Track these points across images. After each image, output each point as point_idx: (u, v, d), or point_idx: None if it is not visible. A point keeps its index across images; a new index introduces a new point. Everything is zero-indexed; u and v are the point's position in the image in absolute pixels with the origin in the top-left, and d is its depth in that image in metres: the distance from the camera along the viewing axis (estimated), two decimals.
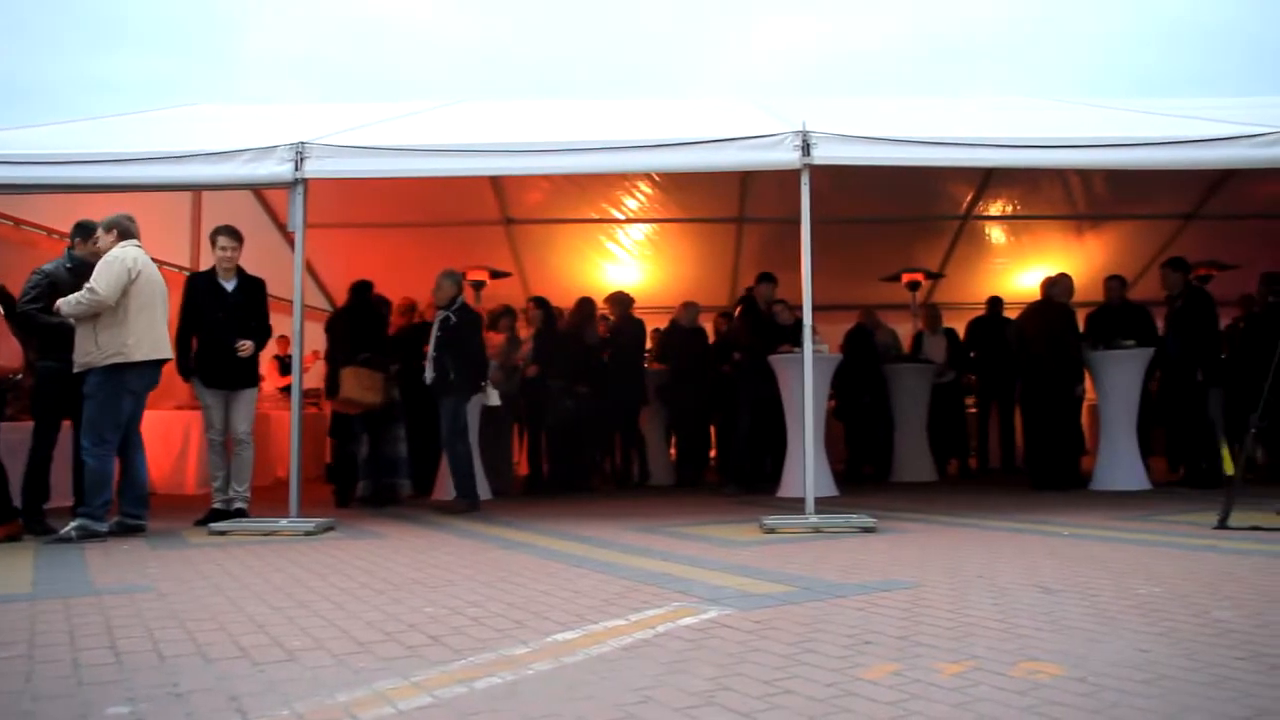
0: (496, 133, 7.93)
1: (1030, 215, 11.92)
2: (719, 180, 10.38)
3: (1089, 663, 2.95)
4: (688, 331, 10.43)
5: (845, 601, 3.95)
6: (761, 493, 9.00)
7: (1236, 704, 2.54)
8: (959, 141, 6.90)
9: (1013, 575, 4.52)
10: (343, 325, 8.71)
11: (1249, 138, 6.93)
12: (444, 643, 3.34)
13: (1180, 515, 6.87)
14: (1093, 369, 9.25)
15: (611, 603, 3.99)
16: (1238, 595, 3.97)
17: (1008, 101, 10.84)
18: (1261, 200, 10.15)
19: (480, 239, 11.49)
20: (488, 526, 6.92)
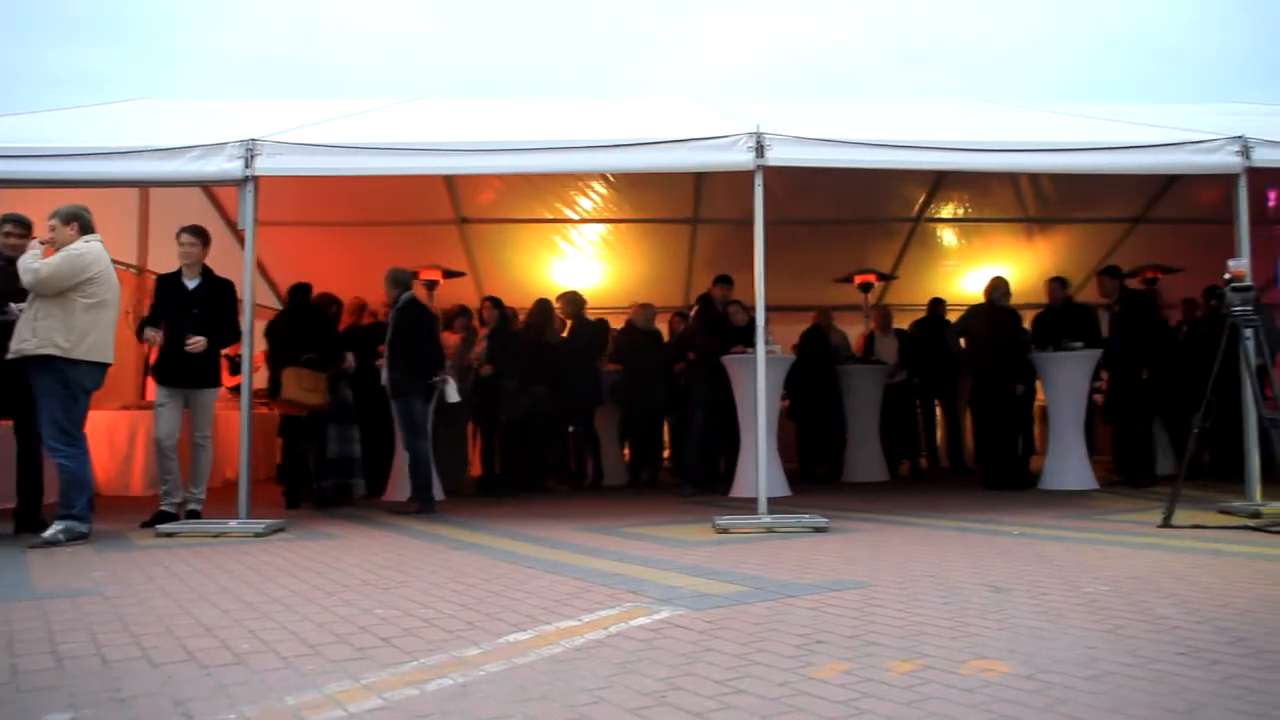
0: (450, 131, 7.89)
1: (981, 218, 12.05)
2: (673, 181, 10.39)
3: (1037, 660, 2.99)
4: (643, 333, 10.43)
5: (797, 601, 3.97)
6: (715, 493, 9.02)
7: (1177, 698, 2.60)
8: (911, 144, 6.97)
9: (963, 574, 4.57)
10: (282, 328, 8.61)
11: (1193, 144, 7.08)
12: (395, 644, 3.32)
13: (1126, 514, 6.98)
14: (1041, 370, 9.38)
15: (564, 603, 3.98)
16: (1180, 593, 4.04)
17: (960, 105, 10.96)
18: (1204, 205, 10.32)
19: (434, 238, 11.41)
20: (440, 527, 6.88)
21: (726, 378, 8.95)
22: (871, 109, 10.37)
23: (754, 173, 6.58)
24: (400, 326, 8.13)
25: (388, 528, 6.90)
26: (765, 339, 6.79)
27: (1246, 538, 5.74)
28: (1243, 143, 6.93)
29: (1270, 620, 3.49)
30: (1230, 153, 6.95)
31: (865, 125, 8.06)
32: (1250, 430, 6.82)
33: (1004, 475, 9.16)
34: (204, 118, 8.94)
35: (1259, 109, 10.94)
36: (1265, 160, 6.97)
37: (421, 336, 8.21)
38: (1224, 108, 11.24)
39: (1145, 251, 11.23)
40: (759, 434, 6.70)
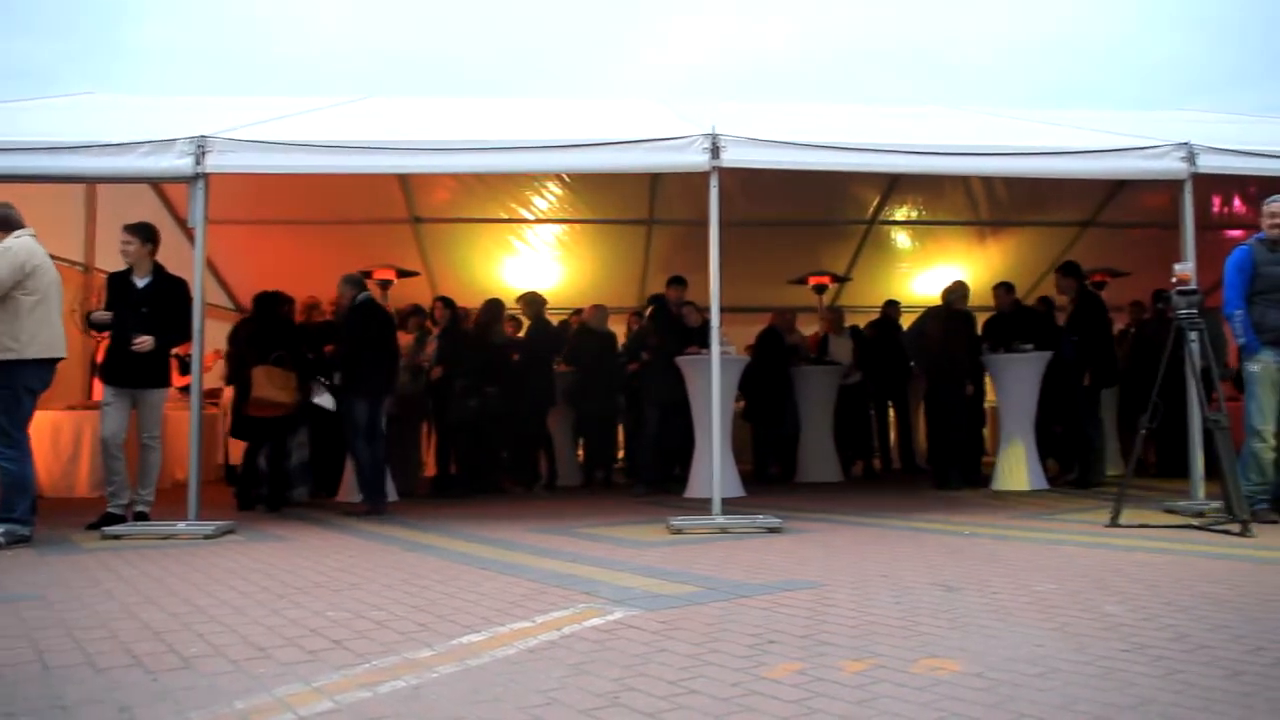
0: (404, 130, 7.83)
1: (935, 221, 12.17)
2: (628, 182, 10.40)
3: (987, 658, 3.02)
4: (598, 334, 10.42)
5: (750, 601, 3.98)
6: (669, 493, 9.03)
7: (1122, 694, 2.64)
8: (866, 147, 7.01)
9: (914, 574, 4.61)
10: (247, 332, 8.51)
11: (1140, 150, 7.19)
12: (347, 646, 3.29)
13: (1074, 514, 7.08)
14: (992, 372, 9.49)
15: (518, 604, 3.97)
16: (1126, 590, 4.10)
17: (915, 109, 11.05)
18: (1152, 210, 10.50)
19: (388, 238, 11.33)
20: (393, 528, 6.83)
21: (681, 378, 8.96)
22: (827, 111, 10.42)
23: (709, 174, 6.59)
24: (345, 328, 8.10)
25: (340, 529, 6.84)
26: (720, 340, 6.81)
27: (1190, 536, 5.85)
28: (1188, 149, 7.05)
29: (1212, 616, 3.55)
30: (1176, 159, 7.06)
31: (820, 127, 8.10)
32: (1194, 431, 6.94)
33: (955, 475, 9.26)
34: (154, 113, 8.82)
35: (1205, 116, 11.13)
36: (1210, 166, 7.09)
37: (362, 339, 8.11)
38: (1171, 114, 11.43)
39: (1094, 255, 11.40)
40: (713, 435, 6.72)
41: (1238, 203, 11.17)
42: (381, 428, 8.21)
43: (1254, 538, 5.67)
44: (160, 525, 6.46)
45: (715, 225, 6.59)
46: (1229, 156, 7.21)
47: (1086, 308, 9.40)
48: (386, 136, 7.17)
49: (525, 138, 7.05)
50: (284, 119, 7.83)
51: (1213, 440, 6.30)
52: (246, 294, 11.37)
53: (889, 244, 12.56)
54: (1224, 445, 6.15)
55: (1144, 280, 10.38)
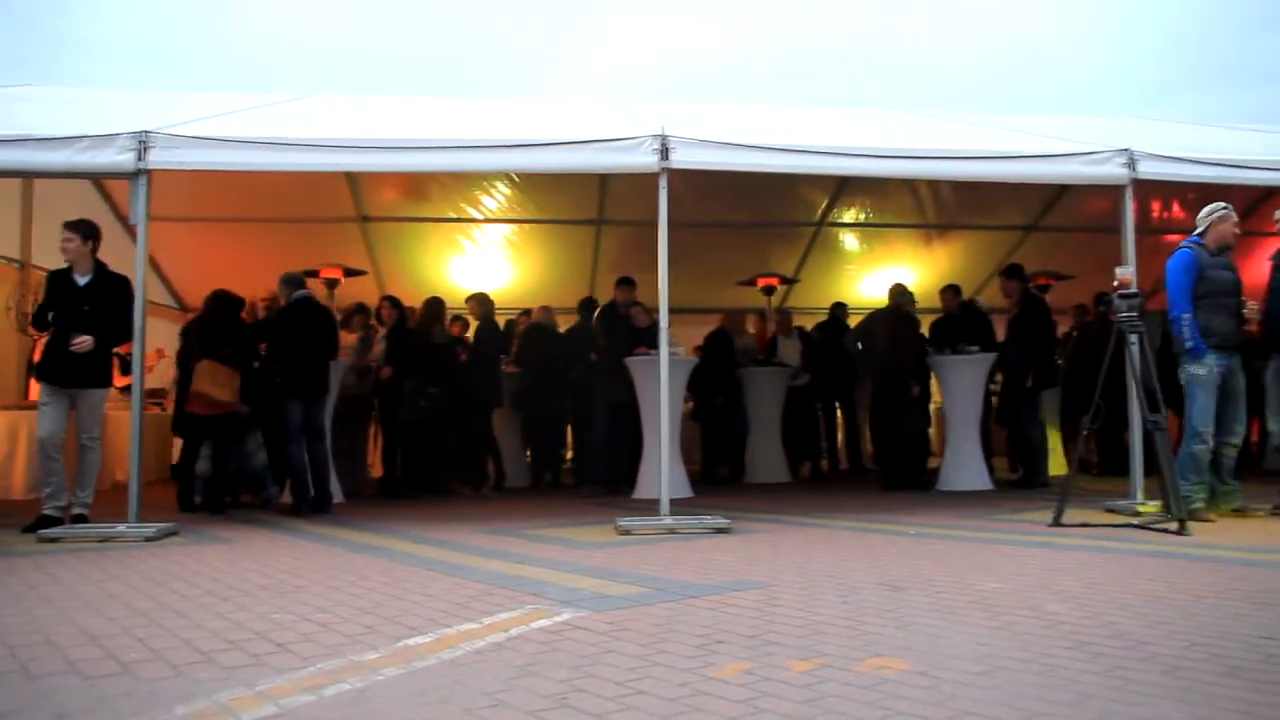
0: (352, 128, 7.77)
1: (882, 223, 12.28)
2: (578, 182, 10.39)
3: (932, 657, 3.05)
4: (547, 334, 10.40)
5: (698, 602, 3.99)
6: (617, 494, 9.03)
7: (1064, 690, 2.68)
8: (814, 149, 7.05)
9: (861, 573, 4.64)
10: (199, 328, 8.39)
11: (1083, 155, 7.31)
12: (291, 650, 3.25)
13: (1019, 514, 7.17)
14: (938, 373, 9.60)
15: (465, 606, 3.95)
16: (1069, 589, 4.16)
17: (863, 112, 11.14)
18: (1094, 214, 10.67)
19: (335, 236, 11.23)
20: (338, 530, 6.77)
21: (629, 379, 8.97)
22: (777, 113, 10.48)
23: (658, 175, 6.60)
24: (277, 327, 8.06)
25: (285, 531, 6.76)
26: (668, 341, 6.82)
27: (1130, 535, 5.96)
28: (1129, 155, 7.17)
29: (1150, 614, 3.62)
30: (1117, 165, 7.19)
31: (770, 130, 8.14)
32: (1135, 432, 7.07)
33: (902, 476, 9.35)
34: (95, 108, 8.65)
35: (1145, 123, 11.35)
36: (1150, 173, 7.23)
37: (293, 339, 8.05)
38: (1115, 121, 11.63)
39: (1038, 258, 11.58)
40: (662, 435, 6.73)
41: (1177, 208, 11.39)
42: (323, 428, 8.13)
43: (1191, 536, 5.78)
44: (99, 527, 6.34)
45: (664, 226, 6.60)
46: (1168, 163, 7.35)
47: (1029, 310, 9.53)
48: (334, 134, 7.10)
49: (474, 137, 7.02)
50: (230, 115, 7.73)
51: (1152, 441, 6.42)
52: (191, 293, 11.26)
53: (837, 246, 12.66)
54: (1162, 446, 6.27)
55: (1087, 283, 10.55)
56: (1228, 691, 2.66)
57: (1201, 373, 6.67)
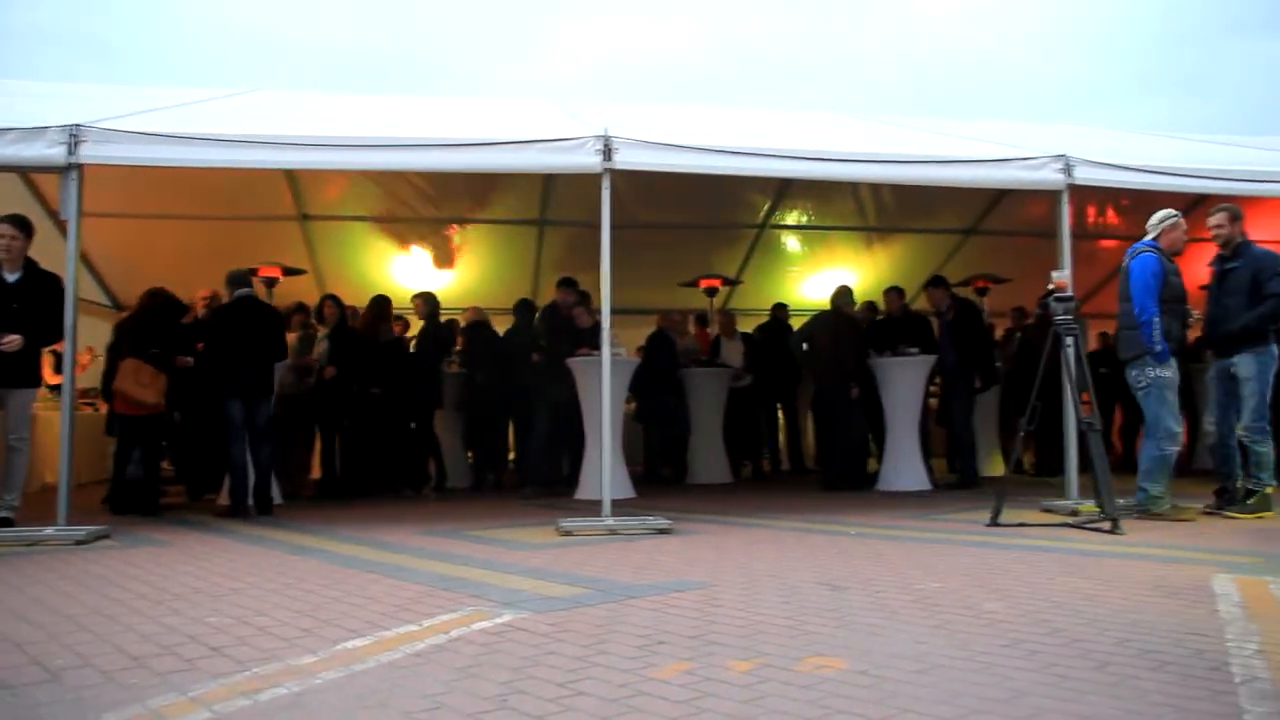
0: (293, 125, 7.65)
1: (824, 226, 12.37)
2: (521, 182, 10.35)
3: (871, 656, 3.08)
4: (490, 334, 10.35)
5: (639, 602, 3.99)
6: (559, 495, 9.00)
7: (1000, 688, 2.72)
8: (757, 152, 7.08)
9: (802, 573, 4.67)
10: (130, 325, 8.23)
11: (1020, 160, 7.42)
12: (227, 654, 3.19)
13: (957, 514, 7.26)
14: (878, 376, 9.69)
15: (405, 608, 3.91)
16: (1005, 588, 4.22)
17: (805, 114, 11.21)
18: (1032, 219, 10.83)
19: (274, 234, 11.07)
20: (277, 531, 6.67)
21: (571, 380, 8.95)
22: (719, 115, 10.51)
23: (601, 176, 6.59)
24: (214, 326, 7.99)
25: (221, 533, 6.66)
26: (611, 342, 6.81)
27: (1065, 534, 6.06)
28: (1065, 161, 7.29)
29: (1085, 611, 3.68)
30: (1054, 170, 7.31)
31: (713, 131, 8.17)
32: (1070, 433, 7.18)
33: (843, 476, 9.42)
34: (24, 99, 8.44)
35: (1082, 130, 11.55)
36: (1085, 178, 7.36)
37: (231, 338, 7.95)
38: (1051, 127, 11.82)
39: (977, 261, 11.75)
40: (604, 436, 6.72)
41: (1112, 213, 11.61)
42: (266, 428, 8.03)
43: (1124, 535, 5.89)
44: (26, 531, 6.18)
45: (606, 227, 6.59)
46: (1103, 169, 7.49)
47: (964, 315, 9.66)
48: (274, 131, 6.98)
49: (415, 136, 6.96)
50: (166, 110, 7.59)
51: (1087, 441, 6.52)
52: (126, 290, 11.02)
53: (779, 248, 12.73)
54: (1096, 447, 6.38)
55: (1025, 286, 10.71)
56: (1157, 686, 2.72)
57: (1168, 374, 6.74)
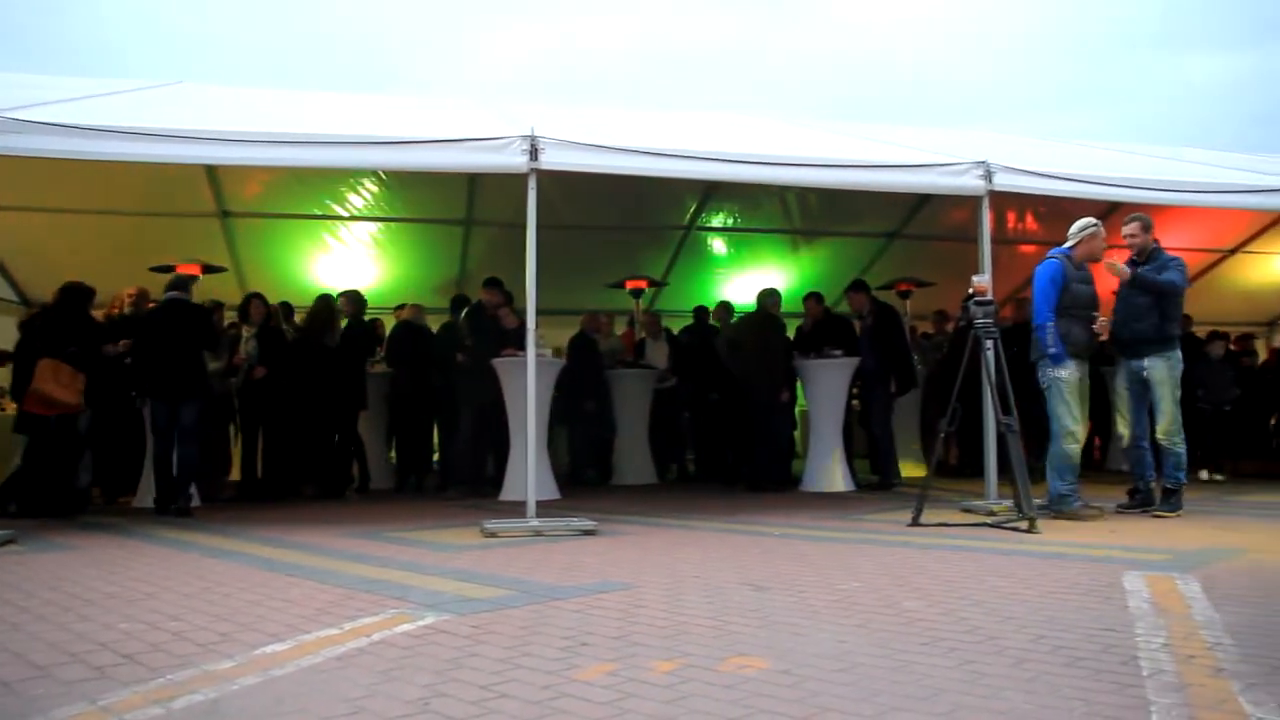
0: (213, 119, 7.48)
1: (750, 228, 12.43)
2: (447, 181, 10.25)
3: (793, 655, 3.10)
4: (417, 333, 10.25)
5: (563, 604, 3.98)
6: (483, 496, 8.94)
7: (918, 685, 2.76)
8: (683, 154, 7.10)
9: (726, 574, 4.70)
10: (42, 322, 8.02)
11: (942, 166, 7.54)
12: (139, 661, 3.12)
13: (879, 514, 7.36)
14: (803, 377, 9.79)
15: (325, 611, 3.86)
16: (925, 587, 4.29)
17: (732, 117, 11.27)
18: (954, 224, 11.01)
19: (194, 231, 10.83)
20: (194, 534, 6.53)
21: (496, 380, 8.90)
22: (647, 117, 10.52)
23: (527, 176, 6.56)
24: (141, 327, 7.90)
25: (136, 536, 6.49)
26: (536, 342, 6.79)
27: (984, 534, 6.17)
28: (986, 167, 7.43)
29: (1002, 609, 3.75)
30: (975, 176, 7.44)
31: (640, 133, 8.17)
32: (989, 434, 7.32)
33: (767, 478, 9.48)
34: None
35: (1002, 137, 11.80)
36: (1005, 185, 7.50)
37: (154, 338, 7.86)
38: (973, 134, 12.04)
39: (900, 265, 11.90)
40: (528, 437, 6.69)
41: (1031, 219, 11.85)
42: (192, 430, 7.91)
43: (1040, 534, 6.02)
44: None
45: (533, 227, 6.56)
46: (1023, 176, 7.63)
47: (883, 319, 9.80)
48: (192, 125, 6.83)
49: (340, 132, 6.87)
50: (77, 101, 7.39)
51: (1005, 442, 6.65)
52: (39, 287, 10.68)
53: (706, 250, 12.77)
54: (1014, 448, 6.51)
55: (947, 290, 10.89)
56: (1070, 681, 2.78)
57: (1063, 375, 6.92)
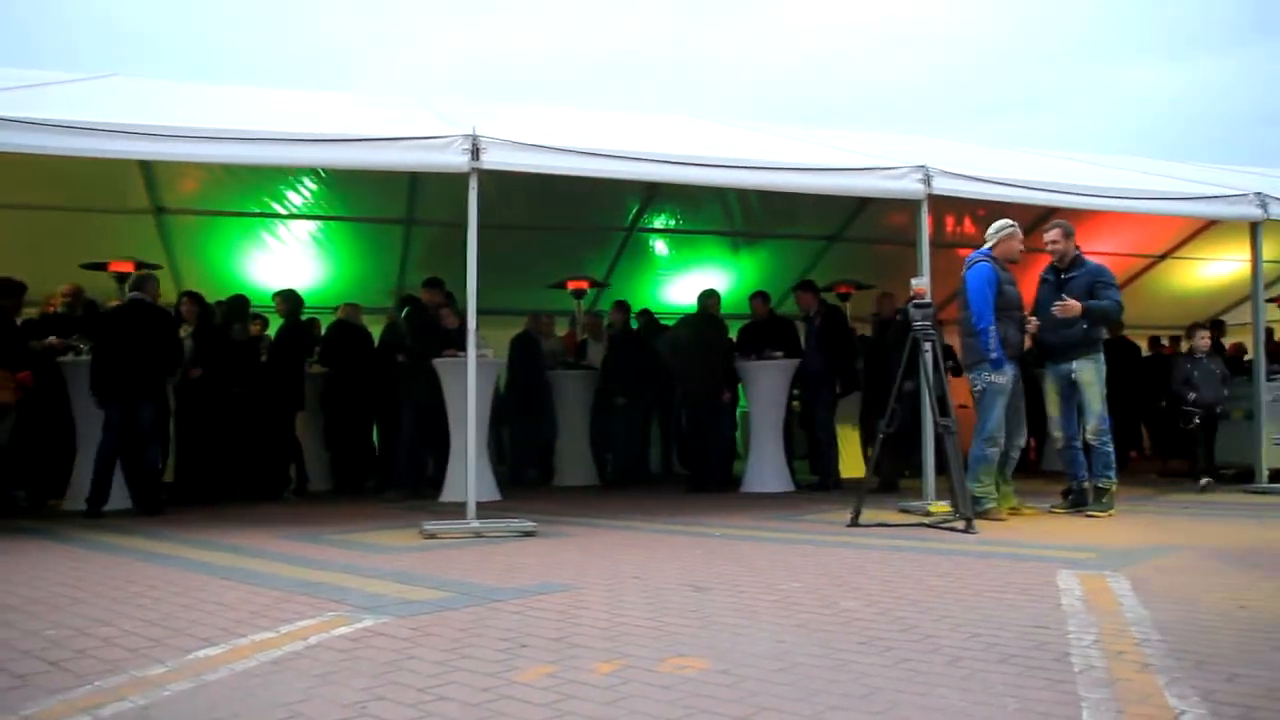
0: (147, 113, 7.33)
1: (692, 230, 12.47)
2: (387, 180, 10.16)
3: (732, 655, 3.12)
4: (355, 333, 10.15)
5: (503, 606, 3.96)
6: (424, 498, 8.88)
7: (856, 684, 2.79)
8: (625, 155, 7.10)
9: (666, 575, 4.70)
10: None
11: (882, 170, 7.63)
12: (66, 668, 3.05)
13: (819, 514, 7.42)
14: (744, 378, 9.84)
15: (261, 614, 3.80)
16: (863, 587, 4.33)
17: (674, 119, 11.29)
18: (893, 227, 11.13)
19: (127, 228, 10.62)
20: (125, 538, 6.40)
21: (437, 380, 8.84)
22: (589, 117, 10.52)
23: (469, 175, 6.53)
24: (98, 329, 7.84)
25: (64, 540, 6.35)
26: (477, 343, 6.75)
27: (921, 534, 6.25)
28: (925, 172, 7.52)
29: (938, 608, 3.80)
30: (914, 180, 7.53)
31: (582, 133, 8.16)
32: (927, 435, 7.41)
33: (708, 479, 9.52)
34: None
35: (941, 142, 11.94)
36: (944, 189, 7.60)
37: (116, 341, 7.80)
38: (912, 138, 12.17)
39: (840, 267, 12.01)
40: (469, 438, 6.66)
41: (969, 223, 12.01)
42: (146, 432, 7.86)
43: (977, 534, 6.10)
44: None
45: (473, 227, 6.53)
46: (961, 181, 7.75)
47: (830, 319, 9.88)
48: (126, 119, 6.69)
49: (279, 129, 6.76)
50: (12, 91, 7.23)
51: (942, 443, 6.74)
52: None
53: (648, 251, 12.79)
54: (952, 449, 6.60)
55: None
56: (1003, 678, 2.83)
57: (1001, 381, 6.98)
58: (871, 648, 3.20)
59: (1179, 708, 2.56)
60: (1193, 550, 5.38)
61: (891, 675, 2.87)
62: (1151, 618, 3.58)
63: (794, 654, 3.13)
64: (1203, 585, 4.28)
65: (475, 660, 3.08)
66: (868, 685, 2.78)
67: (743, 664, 3.01)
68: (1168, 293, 13.39)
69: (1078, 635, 3.33)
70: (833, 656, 3.09)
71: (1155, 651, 3.11)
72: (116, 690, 2.80)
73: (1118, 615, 3.65)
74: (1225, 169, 11.82)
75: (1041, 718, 2.50)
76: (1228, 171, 11.35)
